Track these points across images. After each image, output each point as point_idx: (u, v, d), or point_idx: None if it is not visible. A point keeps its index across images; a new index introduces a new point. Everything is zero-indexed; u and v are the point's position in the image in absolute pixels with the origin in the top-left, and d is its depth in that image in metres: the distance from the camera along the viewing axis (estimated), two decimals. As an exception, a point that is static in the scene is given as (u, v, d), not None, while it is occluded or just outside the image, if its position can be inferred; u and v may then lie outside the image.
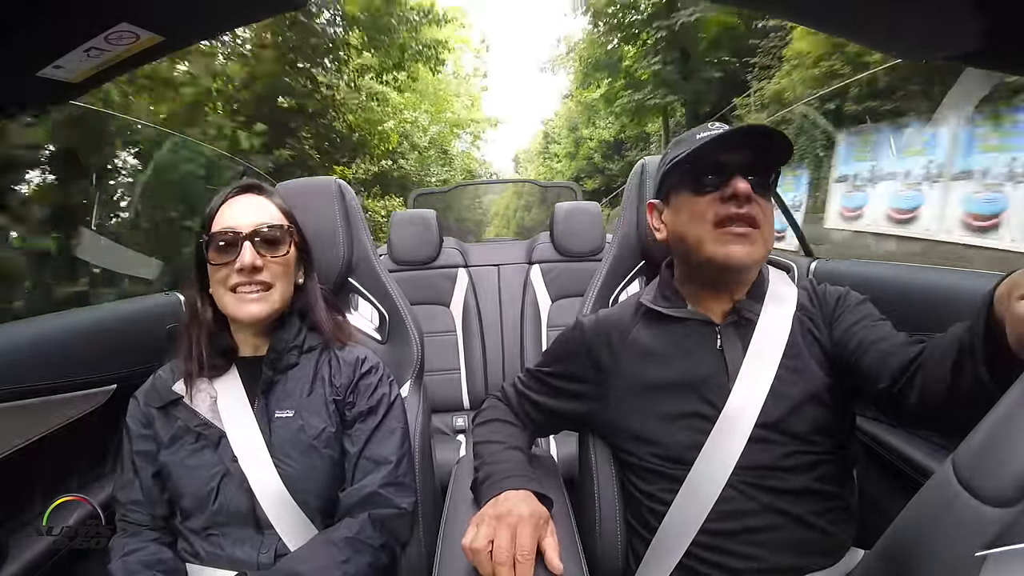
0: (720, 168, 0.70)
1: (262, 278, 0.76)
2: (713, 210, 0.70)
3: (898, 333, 0.68)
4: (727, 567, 0.66)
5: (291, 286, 0.81)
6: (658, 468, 0.72)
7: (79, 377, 0.94)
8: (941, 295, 0.91)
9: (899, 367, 0.62)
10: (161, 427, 0.78)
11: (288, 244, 0.79)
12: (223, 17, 0.54)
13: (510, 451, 0.76)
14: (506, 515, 0.60)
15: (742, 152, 0.69)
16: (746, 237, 0.69)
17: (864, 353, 0.66)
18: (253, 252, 0.75)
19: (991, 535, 0.34)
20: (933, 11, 0.43)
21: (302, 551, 0.71)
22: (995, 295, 0.48)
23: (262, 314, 0.76)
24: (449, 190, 3.42)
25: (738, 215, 0.68)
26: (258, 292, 0.75)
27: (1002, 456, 0.36)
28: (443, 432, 1.81)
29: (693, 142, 0.72)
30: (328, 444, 0.77)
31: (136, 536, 0.76)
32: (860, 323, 0.70)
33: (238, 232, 0.75)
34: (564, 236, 1.98)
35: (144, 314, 1.16)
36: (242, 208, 0.79)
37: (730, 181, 0.68)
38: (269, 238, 0.77)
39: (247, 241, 0.75)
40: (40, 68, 0.46)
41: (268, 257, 0.76)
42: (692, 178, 0.72)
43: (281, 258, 0.78)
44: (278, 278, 0.78)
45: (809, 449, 0.68)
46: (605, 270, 1.03)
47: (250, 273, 0.75)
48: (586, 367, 0.79)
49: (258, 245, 0.76)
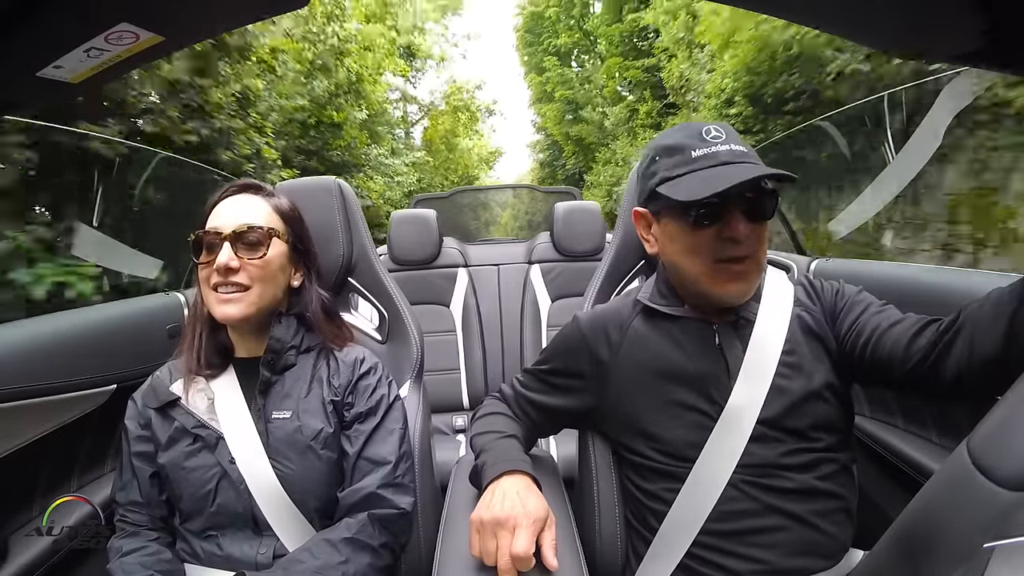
0: (723, 202, 0.65)
1: (238, 279, 0.75)
2: (709, 247, 0.67)
3: (908, 314, 0.67)
4: (728, 568, 0.66)
5: (278, 288, 0.80)
6: (659, 466, 0.72)
7: (79, 377, 0.94)
8: (942, 295, 0.91)
9: (928, 343, 0.61)
10: (159, 428, 0.78)
11: (267, 246, 0.78)
12: (223, 17, 0.54)
13: (507, 439, 0.76)
14: (504, 521, 0.59)
15: (749, 185, 0.63)
16: (743, 274, 0.68)
17: (880, 339, 0.65)
18: (230, 253, 0.75)
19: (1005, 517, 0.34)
20: (933, 11, 0.43)
21: (301, 552, 0.71)
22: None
23: (237, 315, 0.75)
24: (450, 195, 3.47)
25: (735, 256, 0.67)
26: (234, 293, 0.75)
27: (1016, 439, 0.37)
28: (443, 432, 1.81)
29: (688, 163, 0.67)
30: (326, 445, 0.77)
31: (135, 537, 0.76)
32: (866, 312, 0.70)
33: (220, 232, 0.76)
34: (564, 236, 1.98)
35: (144, 314, 1.16)
36: (231, 208, 0.79)
37: (727, 219, 0.65)
38: (249, 240, 0.76)
39: (227, 242, 0.75)
40: (40, 68, 0.46)
41: (246, 259, 0.76)
42: (686, 207, 0.67)
43: (259, 260, 0.77)
44: (256, 280, 0.76)
45: (809, 446, 0.68)
46: (605, 270, 1.03)
47: (226, 273, 0.75)
48: (584, 361, 0.79)
49: (238, 246, 0.76)
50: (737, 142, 0.69)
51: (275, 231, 0.79)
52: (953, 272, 0.95)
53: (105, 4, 0.43)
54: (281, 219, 0.82)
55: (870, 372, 0.68)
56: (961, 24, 0.42)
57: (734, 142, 0.68)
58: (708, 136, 0.68)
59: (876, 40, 0.59)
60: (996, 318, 0.55)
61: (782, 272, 0.81)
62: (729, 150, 0.67)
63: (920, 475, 0.92)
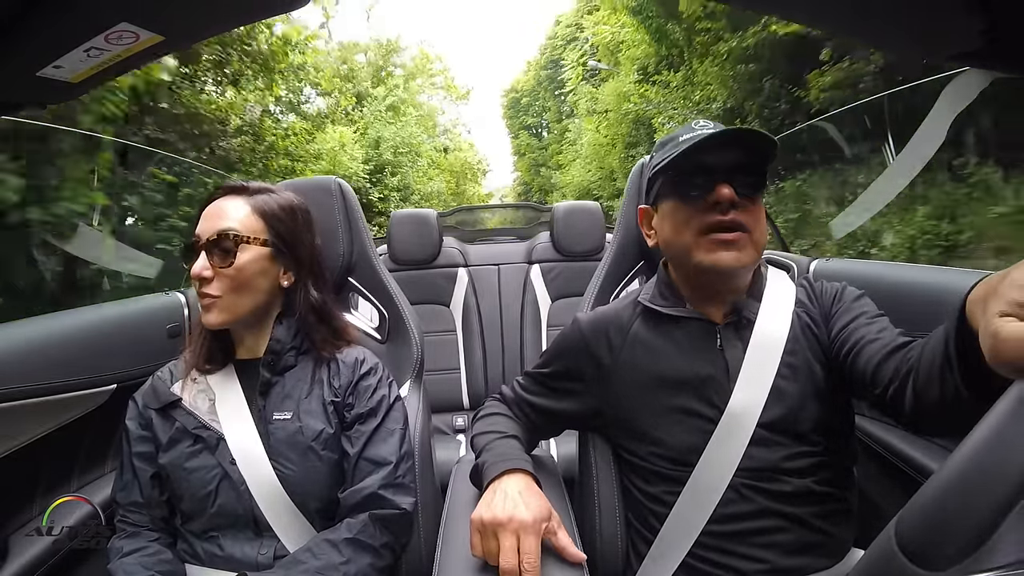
0: (704, 173, 0.69)
1: (208, 290, 0.74)
2: (698, 218, 0.69)
3: (893, 332, 0.65)
4: (730, 567, 0.66)
5: (258, 293, 0.78)
6: (660, 470, 0.72)
7: (79, 377, 0.94)
8: (942, 294, 0.91)
9: (892, 373, 0.59)
10: (160, 429, 0.78)
11: (234, 256, 0.75)
12: (223, 17, 0.54)
13: (508, 439, 0.76)
14: (507, 522, 0.59)
15: (726, 154, 0.68)
16: (733, 243, 0.68)
17: (858, 355, 0.65)
18: (204, 262, 0.74)
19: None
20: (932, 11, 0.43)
21: (302, 552, 0.71)
22: (968, 299, 0.43)
23: (215, 323, 0.75)
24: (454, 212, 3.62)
25: (723, 222, 0.68)
26: (210, 301, 0.75)
27: (941, 522, 0.36)
28: (443, 432, 1.81)
29: (676, 145, 0.71)
30: (327, 446, 0.77)
31: (135, 537, 0.76)
32: (855, 321, 0.69)
33: (198, 239, 0.75)
34: (564, 236, 1.98)
35: (144, 314, 1.16)
36: (212, 213, 0.77)
37: (714, 188, 0.67)
38: (220, 247, 0.75)
39: (203, 250, 0.74)
40: (40, 68, 0.46)
41: (217, 268, 0.75)
42: (676, 184, 0.72)
43: (228, 268, 0.74)
44: (227, 290, 0.75)
45: (810, 449, 0.67)
46: (605, 270, 1.03)
47: (201, 283, 0.74)
48: (585, 364, 0.79)
49: (214, 254, 0.75)
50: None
51: (245, 236, 0.76)
52: (953, 272, 0.94)
53: (105, 4, 0.42)
54: (263, 220, 0.79)
55: (850, 385, 0.68)
56: (960, 24, 0.42)
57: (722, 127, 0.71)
58: (696, 125, 0.73)
59: (875, 39, 0.59)
60: (930, 372, 0.52)
61: (783, 272, 0.81)
62: (714, 128, 0.70)
63: (920, 475, 0.91)
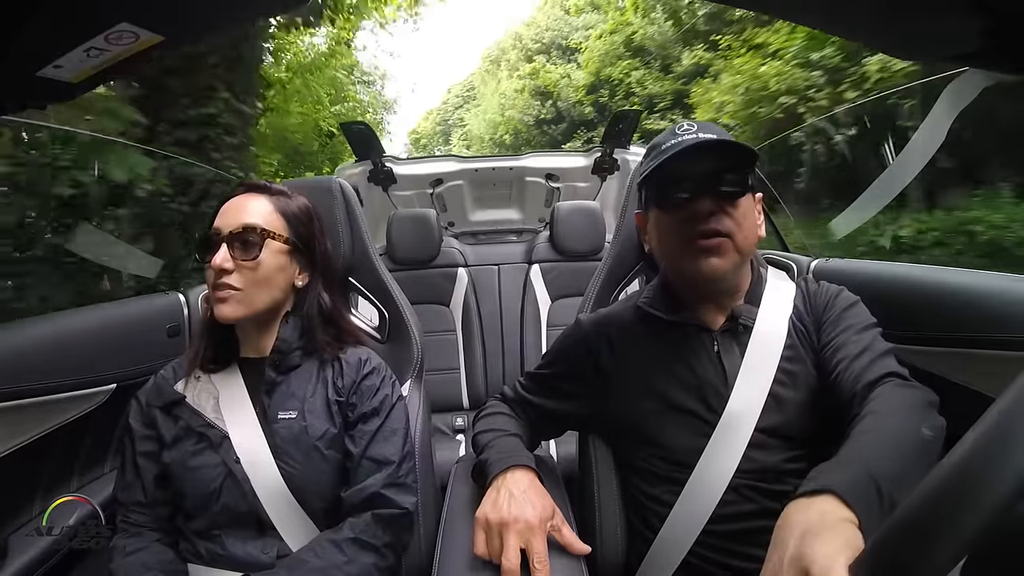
0: (684, 181, 0.69)
1: (229, 281, 0.75)
2: (680, 227, 0.70)
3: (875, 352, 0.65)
4: (729, 567, 0.66)
5: (275, 289, 0.80)
6: (660, 471, 0.72)
7: (79, 377, 0.94)
8: (942, 294, 0.91)
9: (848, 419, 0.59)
10: (164, 427, 0.78)
11: (260, 248, 0.77)
12: (223, 17, 0.54)
13: (510, 436, 0.76)
14: (513, 523, 0.59)
15: (705, 162, 0.69)
16: (716, 249, 0.68)
17: (836, 377, 0.65)
18: (225, 254, 0.75)
19: None
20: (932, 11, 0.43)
21: (305, 551, 0.71)
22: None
23: (232, 316, 0.75)
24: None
25: (704, 232, 0.68)
26: (228, 293, 0.75)
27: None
28: (443, 432, 1.81)
29: (659, 155, 0.71)
30: (330, 445, 0.77)
31: (138, 536, 0.76)
32: (839, 337, 0.69)
33: (219, 232, 0.76)
34: (564, 236, 1.98)
35: (144, 314, 1.16)
36: (234, 207, 0.79)
37: (695, 198, 0.68)
38: (243, 241, 0.76)
39: (224, 243, 0.75)
40: (40, 68, 0.46)
41: (240, 260, 0.76)
42: (660, 194, 0.73)
43: (251, 262, 0.76)
44: (249, 283, 0.76)
45: (810, 452, 0.67)
46: (605, 270, 1.03)
47: (220, 274, 0.75)
48: (587, 365, 0.79)
49: (235, 247, 0.76)
50: (709, 132, 0.71)
51: (271, 233, 0.78)
52: (953, 272, 0.94)
53: (105, 4, 0.43)
54: (284, 220, 0.81)
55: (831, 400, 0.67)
56: (960, 24, 0.42)
57: (705, 132, 0.71)
58: (679, 131, 0.73)
59: (875, 40, 0.59)
60: None
61: (783, 273, 0.81)
62: (695, 139, 0.69)
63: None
